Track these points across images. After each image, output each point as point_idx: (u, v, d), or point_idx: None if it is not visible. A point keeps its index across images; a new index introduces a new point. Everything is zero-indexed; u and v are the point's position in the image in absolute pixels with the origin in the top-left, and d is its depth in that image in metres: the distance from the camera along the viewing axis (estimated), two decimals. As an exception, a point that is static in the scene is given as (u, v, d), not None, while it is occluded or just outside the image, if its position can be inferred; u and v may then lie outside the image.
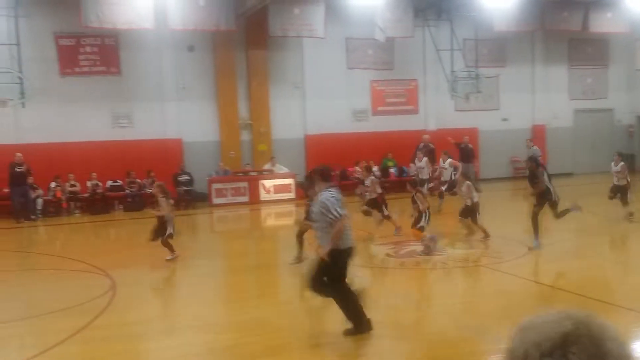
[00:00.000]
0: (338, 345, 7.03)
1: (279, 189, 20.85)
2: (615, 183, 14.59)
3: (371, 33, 21.39)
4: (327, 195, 7.06)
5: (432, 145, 21.48)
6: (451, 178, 16.93)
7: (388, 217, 13.54)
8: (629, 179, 14.57)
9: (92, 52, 20.13)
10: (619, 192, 14.49)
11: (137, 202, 19.42)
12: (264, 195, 20.66)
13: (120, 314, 8.48)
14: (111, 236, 16.75)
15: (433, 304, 8.94)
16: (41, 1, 19.28)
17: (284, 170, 21.37)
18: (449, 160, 17.45)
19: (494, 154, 24.46)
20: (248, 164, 21.71)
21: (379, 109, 23.82)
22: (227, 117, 21.72)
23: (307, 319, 8.32)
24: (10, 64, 18.43)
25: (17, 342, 7.75)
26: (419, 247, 11.69)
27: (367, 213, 13.82)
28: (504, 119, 25.17)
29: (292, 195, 20.75)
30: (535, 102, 25.82)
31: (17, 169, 17.85)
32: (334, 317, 7.29)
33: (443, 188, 17.22)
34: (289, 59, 22.40)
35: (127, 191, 19.80)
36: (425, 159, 17.99)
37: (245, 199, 20.46)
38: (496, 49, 24.64)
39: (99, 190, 19.61)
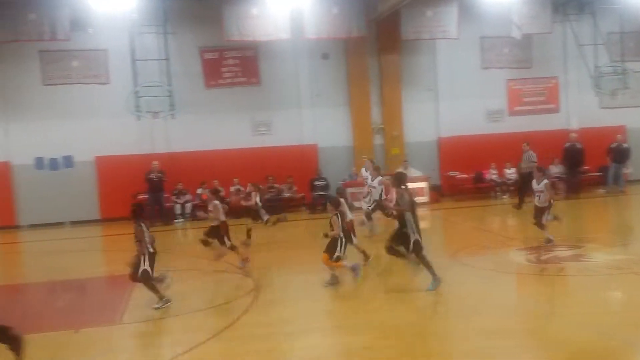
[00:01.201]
0: (478, 352, 6.94)
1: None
2: None
3: (507, 31, 20.77)
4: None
5: (579, 145, 20.51)
6: (380, 198, 14.40)
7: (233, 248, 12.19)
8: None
9: (234, 65, 21.27)
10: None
11: (276, 206, 20.15)
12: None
13: (262, 314, 8.90)
14: (252, 238, 17.48)
15: (576, 313, 8.53)
16: (187, 18, 20.65)
17: (417, 173, 21.24)
18: (379, 178, 14.72)
19: (645, 153, 22.74)
20: (381, 168, 21.83)
21: (516, 108, 23.04)
22: (360, 122, 22.02)
23: (444, 324, 8.27)
24: (161, 78, 19.98)
25: (168, 338, 8.39)
26: (563, 252, 11.16)
27: (205, 243, 12.20)
28: (656, 116, 23.34)
29: (425, 198, 20.59)
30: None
31: (152, 177, 19.24)
32: (472, 325, 7.21)
33: (369, 207, 14.75)
34: (422, 62, 22.28)
35: (267, 196, 20.63)
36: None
37: (379, 202, 20.56)
38: (644, 41, 22.97)
39: (242, 195, 20.57)
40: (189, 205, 19.91)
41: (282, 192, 20.74)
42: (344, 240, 10.02)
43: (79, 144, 20.20)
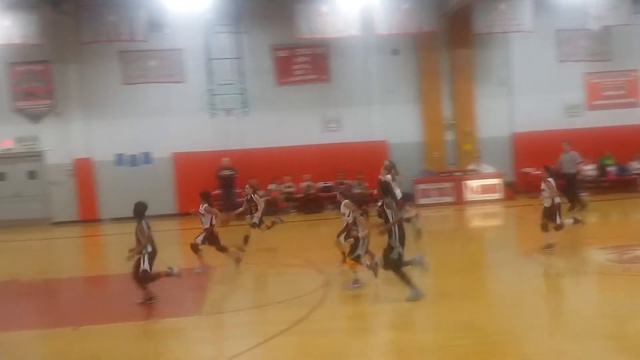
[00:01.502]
0: (558, 354, 6.81)
1: (485, 189, 20.46)
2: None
3: (583, 23, 20.08)
4: None
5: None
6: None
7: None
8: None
9: (304, 62, 21.49)
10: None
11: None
12: (469, 196, 20.41)
13: (334, 309, 9.02)
14: (323, 234, 17.64)
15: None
16: (259, 17, 21.00)
17: (490, 169, 20.89)
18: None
19: None
20: (452, 164, 21.62)
21: (594, 103, 22.23)
22: (430, 118, 21.82)
23: (522, 324, 8.11)
24: (234, 77, 20.44)
25: (243, 330, 8.59)
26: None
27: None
28: None
29: (499, 195, 20.23)
30: None
31: (223, 173, 19.63)
32: (551, 325, 7.06)
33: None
34: (495, 56, 21.83)
35: (337, 192, 20.74)
36: None
37: (450, 199, 20.41)
38: None
39: (312, 191, 20.85)
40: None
41: (352, 188, 20.78)
42: (366, 240, 9.84)
43: (157, 141, 20.90)
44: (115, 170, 21.03)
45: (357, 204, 10.23)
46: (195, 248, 11.71)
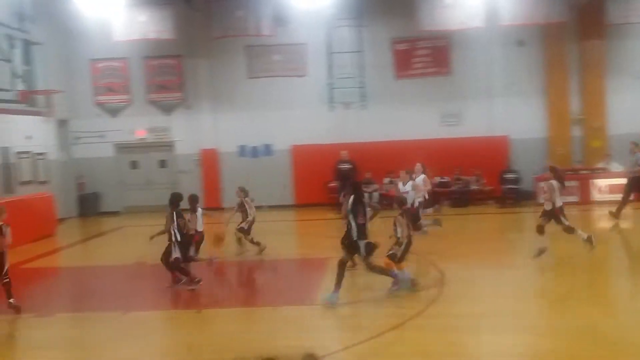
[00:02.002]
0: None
1: (614, 189, 19.22)
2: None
3: None
4: None
5: None
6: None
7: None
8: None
9: (425, 55, 21.29)
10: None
11: (463, 198, 19.91)
12: (596, 196, 19.33)
13: (449, 306, 8.93)
14: (438, 230, 17.45)
15: None
16: (380, 11, 21.02)
17: (621, 169, 19.64)
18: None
19: None
20: (579, 161, 20.58)
21: None
22: (556, 113, 20.89)
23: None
24: (353, 70, 20.63)
25: (357, 322, 8.71)
26: None
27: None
28: None
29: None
30: None
31: (342, 166, 19.78)
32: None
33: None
34: (631, 48, 20.49)
35: (454, 188, 20.43)
36: None
37: (574, 198, 19.37)
38: None
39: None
40: (375, 195, 20.32)
41: (469, 185, 20.40)
42: (406, 240, 9.71)
43: (278, 133, 21.53)
44: (238, 160, 21.92)
45: (398, 204, 10.16)
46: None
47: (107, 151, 22.30)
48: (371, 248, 9.13)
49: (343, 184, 19.95)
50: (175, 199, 10.51)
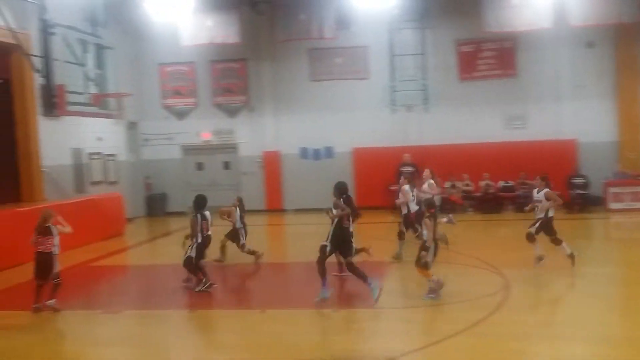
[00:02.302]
0: None
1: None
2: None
3: None
4: None
5: None
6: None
7: None
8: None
9: (490, 56, 20.94)
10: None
11: (528, 203, 19.40)
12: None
13: (513, 313, 8.74)
14: (502, 235, 17.15)
15: None
16: (445, 12, 20.81)
17: (697, 175, 18.81)
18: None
19: None
20: (650, 166, 19.81)
21: None
22: (627, 116, 20.17)
23: None
24: (415, 73, 20.49)
25: (417, 327, 8.62)
26: None
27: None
28: None
29: None
30: None
31: (405, 169, 19.50)
32: None
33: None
34: None
35: (518, 192, 20.00)
36: None
37: (646, 204, 18.69)
38: None
39: (491, 190, 20.28)
40: (437, 198, 20.07)
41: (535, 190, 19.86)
42: (433, 244, 9.54)
43: (339, 135, 21.60)
44: (299, 163, 22.12)
45: (427, 206, 10.05)
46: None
47: (174, 153, 22.92)
48: (356, 251, 9.99)
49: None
50: (199, 201, 10.85)
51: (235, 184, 22.09)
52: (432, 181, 14.08)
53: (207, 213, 10.84)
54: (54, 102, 15.92)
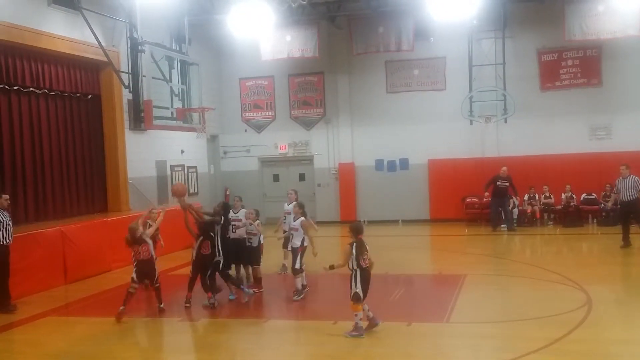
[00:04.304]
0: None
1: None
2: None
3: None
4: None
5: None
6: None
7: None
8: None
9: (573, 65, 20.31)
10: None
11: (612, 217, 18.66)
12: None
13: (596, 331, 8.42)
14: (584, 250, 16.53)
15: None
16: (526, 21, 20.37)
17: None
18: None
19: None
20: None
21: None
22: None
23: None
24: (495, 83, 20.12)
25: (493, 343, 8.38)
26: None
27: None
28: None
29: None
30: None
31: (500, 184, 19.04)
32: None
33: None
34: None
35: (602, 205, 19.24)
36: None
37: None
38: None
39: (573, 203, 19.59)
40: (515, 211, 19.62)
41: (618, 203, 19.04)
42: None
43: (415, 147, 21.47)
44: (374, 175, 22.11)
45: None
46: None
47: (252, 165, 23.44)
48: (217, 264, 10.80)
49: (502, 201, 19.21)
50: (227, 209, 11.62)
51: (310, 196, 22.30)
52: None
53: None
54: (141, 116, 16.60)
